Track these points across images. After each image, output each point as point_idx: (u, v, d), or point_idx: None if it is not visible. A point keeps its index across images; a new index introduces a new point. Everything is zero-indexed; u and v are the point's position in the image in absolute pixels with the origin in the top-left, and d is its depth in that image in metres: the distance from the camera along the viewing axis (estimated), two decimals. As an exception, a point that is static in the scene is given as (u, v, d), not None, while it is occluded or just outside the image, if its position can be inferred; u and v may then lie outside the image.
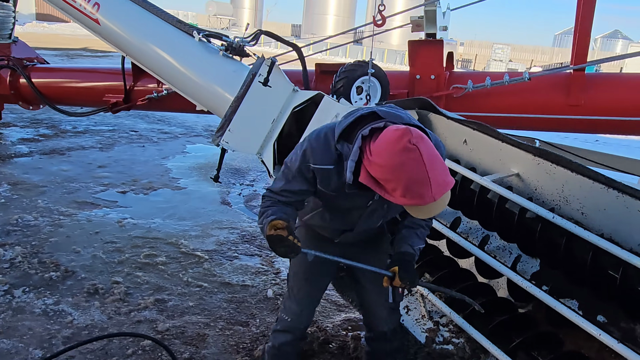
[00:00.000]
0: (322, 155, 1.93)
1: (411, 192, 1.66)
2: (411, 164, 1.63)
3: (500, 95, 4.04)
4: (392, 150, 1.65)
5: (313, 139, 1.97)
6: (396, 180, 1.66)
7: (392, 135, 1.67)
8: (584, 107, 3.84)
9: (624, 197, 2.28)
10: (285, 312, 2.46)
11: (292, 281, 2.46)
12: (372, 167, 1.72)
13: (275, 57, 3.81)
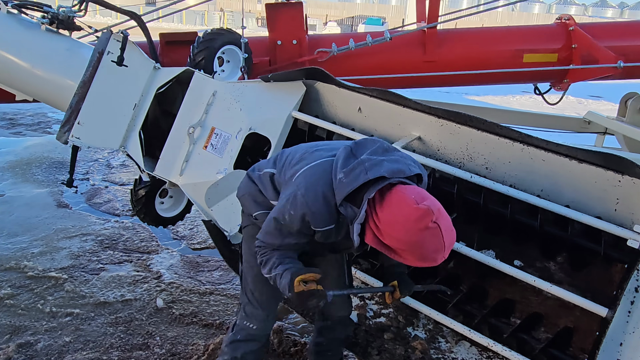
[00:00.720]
0: (323, 219, 1.85)
1: (427, 259, 1.69)
2: (432, 240, 1.64)
3: (364, 57, 4.03)
4: (412, 228, 1.63)
5: (311, 202, 1.83)
6: (412, 251, 1.67)
7: (412, 214, 1.63)
8: (439, 62, 4.06)
9: (528, 149, 2.43)
10: (249, 319, 2.24)
11: (251, 285, 2.24)
12: (384, 236, 1.70)
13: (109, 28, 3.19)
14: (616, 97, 11.90)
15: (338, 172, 1.79)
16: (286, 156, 2.08)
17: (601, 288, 2.33)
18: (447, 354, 2.50)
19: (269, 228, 1.96)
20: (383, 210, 1.68)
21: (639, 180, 2.15)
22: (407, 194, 1.67)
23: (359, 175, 1.74)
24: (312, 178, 1.87)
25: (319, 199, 1.82)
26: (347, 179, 1.75)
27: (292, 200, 1.86)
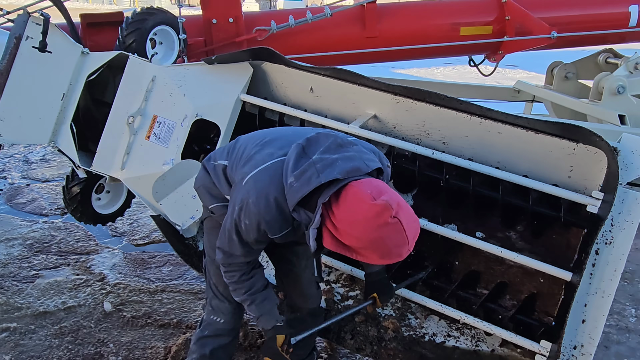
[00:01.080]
0: (279, 225, 1.76)
1: (390, 255, 1.59)
2: (394, 235, 1.54)
3: (304, 34, 3.91)
4: (371, 226, 1.52)
5: (263, 211, 1.72)
6: (374, 249, 1.57)
7: (369, 211, 1.51)
8: (380, 38, 4.02)
9: (486, 122, 2.46)
10: (215, 313, 2.18)
11: (214, 278, 2.17)
12: (343, 236, 1.58)
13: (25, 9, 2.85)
14: (530, 65, 12.58)
15: (289, 175, 1.66)
16: (238, 147, 1.96)
17: (560, 253, 2.43)
18: (418, 330, 2.52)
19: (228, 237, 1.87)
20: (339, 208, 1.57)
21: (592, 147, 2.23)
22: (363, 190, 1.56)
23: (311, 178, 1.61)
24: (262, 183, 1.74)
25: (271, 206, 1.71)
26: (298, 183, 1.62)
27: (245, 209, 1.75)
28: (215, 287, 2.18)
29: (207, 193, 2.05)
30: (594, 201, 2.14)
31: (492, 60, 4.54)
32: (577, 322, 2.12)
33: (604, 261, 2.11)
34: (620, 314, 3.32)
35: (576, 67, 4.74)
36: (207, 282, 2.23)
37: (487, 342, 2.45)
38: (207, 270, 2.22)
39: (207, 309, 2.23)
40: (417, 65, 12.78)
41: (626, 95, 3.92)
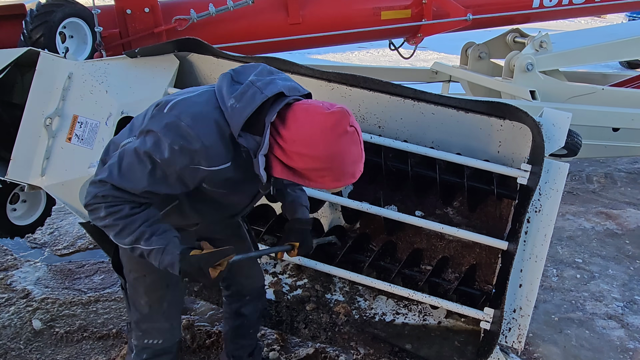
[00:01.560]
0: (219, 154, 1.51)
1: (346, 174, 1.51)
2: (352, 147, 1.48)
3: (226, 23, 3.79)
4: (330, 137, 1.43)
5: (202, 133, 1.47)
6: (332, 167, 1.47)
7: (327, 121, 1.43)
8: (303, 25, 3.99)
9: (419, 104, 2.53)
10: (150, 336, 1.92)
11: (145, 297, 1.88)
12: (295, 160, 1.48)
13: None
14: (440, 47, 13.10)
15: (226, 99, 1.50)
16: (142, 116, 1.72)
17: (495, 224, 2.58)
18: (368, 311, 2.58)
19: (128, 164, 1.51)
20: (289, 129, 1.46)
21: (518, 123, 2.37)
22: (314, 104, 1.48)
23: (254, 96, 1.47)
24: (198, 106, 1.51)
25: (212, 128, 1.48)
26: (240, 103, 1.47)
27: (175, 133, 1.46)
28: (147, 307, 1.89)
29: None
30: (523, 173, 2.28)
31: (412, 43, 4.69)
32: (515, 287, 2.27)
33: (535, 228, 2.26)
34: (544, 275, 3.59)
35: (488, 47, 5.01)
36: (132, 303, 1.93)
37: (433, 316, 2.56)
38: (133, 289, 1.90)
39: (135, 333, 1.95)
40: (333, 51, 12.88)
41: (535, 72, 4.20)
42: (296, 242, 2.03)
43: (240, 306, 2.26)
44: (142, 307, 1.90)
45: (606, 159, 5.97)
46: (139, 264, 1.83)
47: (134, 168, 1.51)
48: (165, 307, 1.92)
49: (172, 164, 1.49)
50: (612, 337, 2.98)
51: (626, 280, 3.59)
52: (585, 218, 4.49)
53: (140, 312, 1.91)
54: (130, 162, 1.51)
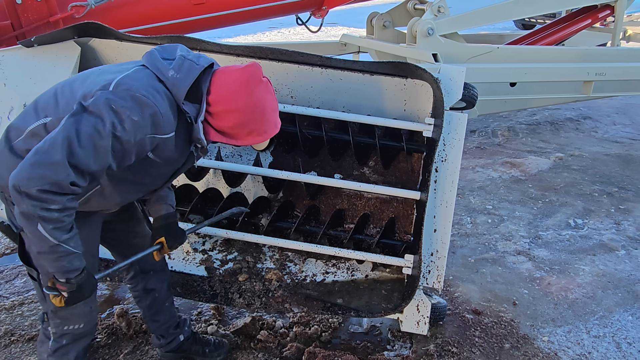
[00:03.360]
0: (170, 122, 1.62)
1: (269, 123, 1.70)
2: (268, 96, 1.68)
3: (127, 7, 3.67)
4: (247, 89, 1.62)
5: (158, 103, 1.55)
6: (255, 118, 1.66)
7: (242, 76, 1.63)
8: (207, 3, 3.96)
9: (327, 71, 2.63)
10: (68, 322, 1.91)
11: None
12: (222, 119, 1.66)
13: None
14: (348, 21, 13.31)
15: (165, 71, 1.61)
16: (52, 97, 1.67)
17: (408, 178, 2.75)
18: (300, 274, 2.68)
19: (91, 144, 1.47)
20: (212, 93, 1.64)
21: (419, 80, 2.54)
22: (228, 67, 1.69)
23: (191, 67, 1.63)
24: (142, 80, 1.57)
25: (162, 97, 1.58)
26: (180, 74, 1.61)
27: (133, 101, 1.51)
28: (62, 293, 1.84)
29: None
30: (428, 127, 2.46)
31: (318, 16, 4.78)
32: (430, 232, 2.45)
33: (442, 176, 2.45)
34: (459, 223, 3.88)
35: (391, 16, 5.21)
36: (43, 294, 1.83)
37: (360, 270, 2.71)
38: (45, 279, 1.78)
39: (53, 322, 1.92)
40: (244, 33, 12.75)
41: (435, 36, 4.44)
42: (161, 237, 2.04)
43: (145, 283, 2.29)
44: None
45: (508, 114, 6.44)
46: None
47: (96, 145, 1.48)
48: None
49: (133, 136, 1.53)
50: (521, 270, 3.30)
51: (531, 219, 3.95)
52: (493, 169, 4.86)
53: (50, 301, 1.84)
54: (92, 139, 1.48)
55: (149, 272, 2.28)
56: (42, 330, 2.01)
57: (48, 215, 1.47)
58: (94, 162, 1.50)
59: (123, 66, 1.70)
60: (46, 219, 1.47)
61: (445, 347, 2.63)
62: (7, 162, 1.62)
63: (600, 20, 5.75)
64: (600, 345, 2.67)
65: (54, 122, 1.60)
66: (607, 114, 6.63)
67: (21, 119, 1.69)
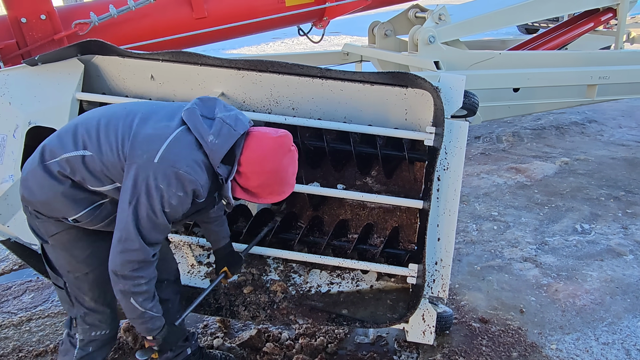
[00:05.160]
0: (209, 187, 1.83)
1: (288, 185, 1.88)
2: (291, 163, 1.86)
3: (130, 23, 3.72)
4: (277, 155, 1.80)
5: (200, 177, 1.75)
6: (277, 181, 1.83)
7: (276, 142, 1.81)
8: (209, 18, 3.99)
9: (327, 82, 2.65)
10: (96, 328, 2.05)
11: (90, 292, 1.99)
12: (249, 179, 1.81)
13: None
14: (351, 30, 13.38)
15: (206, 135, 1.76)
16: (96, 130, 1.80)
17: (410, 187, 2.75)
18: (304, 285, 2.68)
19: (146, 228, 1.74)
20: (244, 155, 1.80)
21: (419, 89, 2.54)
22: (263, 132, 1.84)
23: (230, 134, 1.78)
24: (186, 151, 1.75)
25: (203, 169, 1.77)
26: (219, 139, 1.76)
27: (177, 181, 1.71)
28: (93, 301, 2.00)
29: (68, 200, 1.79)
30: (429, 135, 2.46)
31: (319, 27, 4.81)
32: (433, 241, 2.45)
33: (445, 184, 2.45)
34: (464, 230, 3.87)
35: (392, 24, 5.23)
36: (76, 300, 2.00)
37: (365, 280, 2.70)
38: (78, 287, 1.98)
39: (80, 328, 2.04)
40: (247, 44, 12.85)
41: (437, 44, 4.45)
42: (225, 266, 2.37)
43: (159, 292, 2.27)
44: (88, 302, 2.00)
45: (513, 119, 6.43)
46: (81, 264, 1.94)
47: (156, 224, 1.75)
48: (109, 298, 2.03)
49: (180, 209, 1.77)
50: (528, 277, 3.28)
51: (537, 225, 3.93)
52: (498, 175, 4.84)
53: (87, 307, 2.01)
54: (152, 222, 1.74)
55: (163, 281, 2.29)
56: (66, 339, 2.09)
57: (139, 290, 1.79)
58: (160, 234, 1.79)
59: (168, 112, 1.85)
60: (137, 293, 1.79)
61: (452, 356, 2.61)
62: (39, 180, 1.80)
63: (603, 23, 5.74)
64: (610, 352, 2.64)
65: (93, 158, 1.77)
66: (612, 117, 6.59)
67: (58, 141, 1.83)
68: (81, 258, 1.92)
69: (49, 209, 1.83)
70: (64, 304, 2.05)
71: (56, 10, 3.56)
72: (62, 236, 1.91)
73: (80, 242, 1.92)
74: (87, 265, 1.94)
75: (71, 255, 1.93)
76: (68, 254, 1.93)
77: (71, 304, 2.01)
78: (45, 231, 1.90)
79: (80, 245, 1.92)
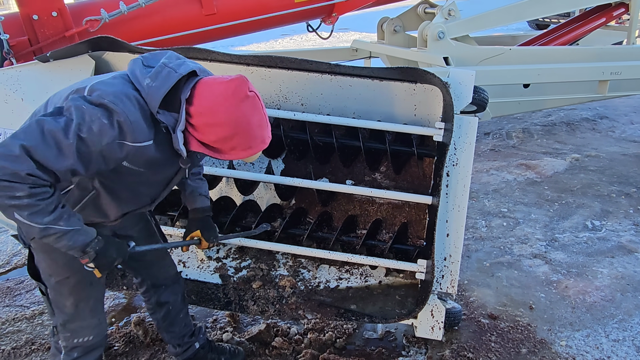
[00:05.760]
0: (142, 130, 1.56)
1: (255, 138, 1.64)
2: (254, 112, 1.61)
3: (140, 19, 3.74)
4: (232, 103, 1.56)
5: (127, 109, 1.52)
6: (239, 133, 1.60)
7: (227, 88, 1.56)
8: (219, 14, 4.01)
9: (336, 78, 2.65)
10: (78, 334, 1.95)
11: (72, 297, 1.90)
12: (205, 133, 1.60)
13: None
14: (360, 26, 13.34)
15: (141, 79, 1.57)
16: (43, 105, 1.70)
17: (419, 182, 2.75)
18: (313, 281, 2.69)
19: (53, 139, 1.45)
20: (194, 104, 1.58)
21: (428, 85, 2.54)
22: (213, 78, 1.62)
23: (169, 75, 1.57)
24: (116, 87, 1.55)
25: (134, 104, 1.54)
26: (156, 82, 1.56)
27: (101, 107, 1.49)
28: (74, 307, 1.91)
29: None
30: (438, 131, 2.46)
31: (328, 23, 4.80)
32: (442, 237, 2.45)
33: (454, 180, 2.44)
34: (474, 227, 3.85)
35: (401, 20, 5.21)
36: (56, 306, 1.92)
37: (374, 276, 2.71)
38: (58, 292, 1.89)
39: (62, 335, 1.95)
40: (256, 41, 12.87)
41: (446, 40, 4.43)
42: (196, 230, 2.12)
43: (158, 296, 2.31)
44: (68, 309, 1.91)
45: (523, 115, 6.39)
46: (61, 267, 1.85)
47: (59, 143, 1.46)
48: (91, 304, 1.96)
49: (98, 139, 1.50)
50: (538, 273, 3.26)
51: (547, 222, 3.91)
52: (508, 171, 4.82)
53: (67, 314, 1.92)
54: (55, 137, 1.46)
55: (160, 286, 2.30)
56: (53, 344, 2.05)
57: (18, 203, 1.46)
58: (56, 161, 1.47)
59: (109, 74, 1.69)
60: (18, 206, 1.46)
61: (461, 352, 2.61)
62: None
63: (615, 18, 5.68)
64: (620, 349, 2.63)
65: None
66: (624, 113, 6.53)
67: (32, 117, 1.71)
68: (62, 262, 1.83)
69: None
70: (48, 311, 2.00)
71: (67, 7, 3.59)
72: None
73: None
74: (68, 269, 1.85)
75: (51, 258, 1.85)
76: (49, 257, 1.85)
77: (52, 312, 1.95)
78: (27, 234, 1.82)
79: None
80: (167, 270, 2.31)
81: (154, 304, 2.33)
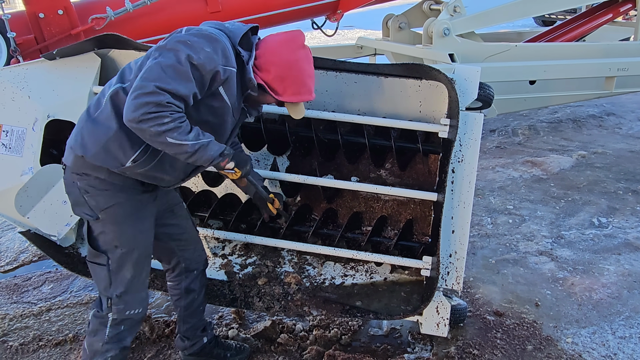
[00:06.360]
0: (232, 57, 1.86)
1: (304, 86, 1.95)
2: (305, 60, 1.95)
3: (145, 17, 3.76)
4: (289, 48, 1.91)
5: (223, 39, 1.84)
6: (291, 77, 1.92)
7: (286, 37, 1.94)
8: (224, 12, 4.01)
9: (341, 75, 2.65)
10: (131, 307, 2.06)
11: (132, 269, 2.01)
12: (265, 70, 1.92)
13: None
14: (365, 24, 13.30)
15: (223, 26, 1.91)
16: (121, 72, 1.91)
17: (425, 179, 2.74)
18: (318, 277, 2.69)
19: (173, 72, 1.71)
20: (260, 48, 1.94)
21: (433, 81, 2.53)
22: (275, 33, 1.99)
23: (240, 26, 1.94)
24: (206, 26, 1.89)
25: (225, 37, 1.86)
26: (234, 27, 1.92)
27: (204, 37, 1.79)
28: (132, 279, 2.01)
29: (123, 140, 1.83)
30: (443, 127, 2.45)
31: (333, 20, 4.80)
32: (448, 233, 2.44)
33: (459, 177, 2.43)
34: (479, 224, 3.85)
35: (407, 17, 5.20)
36: (116, 278, 2.00)
37: (379, 273, 2.71)
38: (120, 263, 1.99)
39: (116, 307, 2.03)
40: (262, 38, 12.84)
41: (452, 36, 4.42)
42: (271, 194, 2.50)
43: (190, 282, 2.37)
44: (128, 280, 2.02)
45: (529, 112, 6.36)
46: (129, 239, 1.99)
47: (180, 74, 1.71)
48: (144, 277, 2.09)
49: (207, 63, 1.76)
50: (543, 270, 3.26)
51: (553, 219, 3.89)
52: (513, 168, 4.80)
53: (126, 285, 2.02)
54: (175, 70, 1.70)
55: (192, 271, 2.36)
56: (96, 320, 2.07)
57: (167, 128, 1.70)
58: (181, 86, 1.71)
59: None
60: (169, 130, 1.70)
61: (467, 349, 2.61)
62: (91, 131, 1.86)
63: (622, 14, 5.64)
64: (627, 346, 2.62)
65: (132, 81, 1.78)
66: (631, 109, 6.48)
67: (95, 100, 1.94)
68: (130, 233, 1.98)
69: (102, 158, 1.85)
70: (100, 283, 2.03)
71: (73, 6, 3.61)
72: (115, 210, 1.95)
73: (130, 217, 1.97)
74: (134, 241, 2.00)
75: (121, 230, 1.97)
76: (118, 229, 1.97)
77: (109, 283, 2.01)
78: (97, 205, 1.93)
79: (130, 221, 1.97)
80: (201, 255, 2.40)
81: (183, 290, 2.37)
